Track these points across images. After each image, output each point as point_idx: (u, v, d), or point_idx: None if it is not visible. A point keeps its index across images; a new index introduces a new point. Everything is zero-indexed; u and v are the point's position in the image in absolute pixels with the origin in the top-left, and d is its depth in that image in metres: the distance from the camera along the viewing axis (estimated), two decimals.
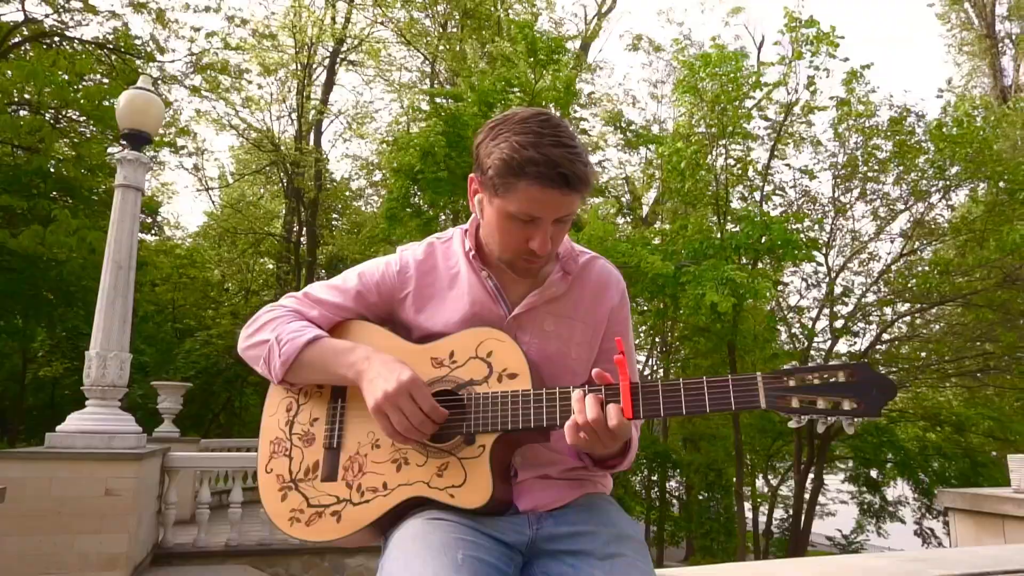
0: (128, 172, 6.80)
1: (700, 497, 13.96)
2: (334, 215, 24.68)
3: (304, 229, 22.88)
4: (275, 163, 22.86)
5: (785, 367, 1.26)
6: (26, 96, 14.24)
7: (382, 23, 21.95)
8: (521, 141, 1.26)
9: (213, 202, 25.78)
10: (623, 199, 18.70)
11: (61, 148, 16.12)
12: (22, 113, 14.90)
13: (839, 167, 14.56)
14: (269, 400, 1.49)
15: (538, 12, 17.83)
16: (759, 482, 20.55)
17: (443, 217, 14.19)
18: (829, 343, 14.53)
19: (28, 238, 12.12)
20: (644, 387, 1.27)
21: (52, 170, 15.69)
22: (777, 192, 14.13)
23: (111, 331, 6.41)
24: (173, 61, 17.33)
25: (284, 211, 24.91)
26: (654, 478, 16.68)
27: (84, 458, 5.71)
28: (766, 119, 13.37)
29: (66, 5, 15.37)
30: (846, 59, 12.51)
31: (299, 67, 22.08)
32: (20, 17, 15.04)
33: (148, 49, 16.87)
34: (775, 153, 13.92)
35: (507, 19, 16.12)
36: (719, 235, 12.30)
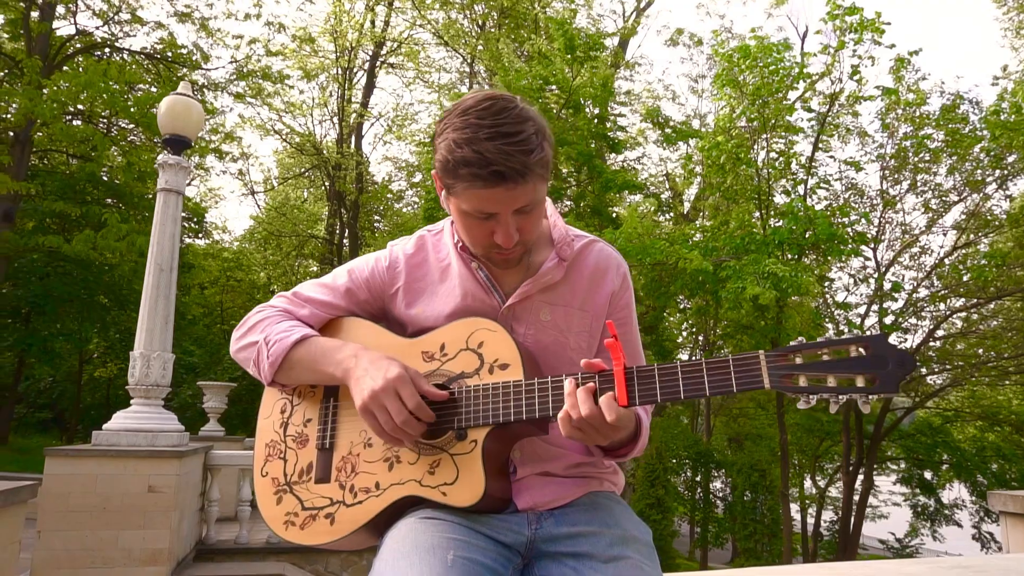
0: (169, 176, 6.95)
1: (745, 498, 13.69)
2: (376, 217, 24.96)
3: (347, 231, 23.18)
4: (317, 166, 23.22)
5: (792, 343, 1.17)
6: (79, 107, 14.74)
7: (420, 25, 22.10)
8: (457, 139, 1.20)
9: (259, 206, 26.37)
10: (663, 196, 18.45)
11: (114, 156, 16.65)
12: (76, 123, 15.41)
13: (887, 158, 14.10)
14: (264, 402, 1.48)
15: (576, 9, 17.69)
16: (807, 483, 20.07)
17: None
18: None
19: (80, 243, 12.55)
20: (639, 371, 1.21)
21: (105, 177, 16.24)
22: (822, 185, 13.74)
23: (154, 332, 6.57)
24: (216, 69, 17.76)
25: (327, 214, 25.31)
26: (697, 478, 16.41)
27: (128, 455, 5.85)
28: (809, 111, 13.00)
29: (115, 17, 15.85)
30: (892, 46, 12.09)
31: (339, 71, 22.39)
32: (73, 30, 15.56)
33: (194, 58, 17.31)
34: (819, 145, 13.54)
35: (545, 17, 16.05)
36: (762, 230, 12.01)
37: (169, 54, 16.74)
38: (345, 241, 23.24)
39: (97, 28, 16.00)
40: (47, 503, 5.62)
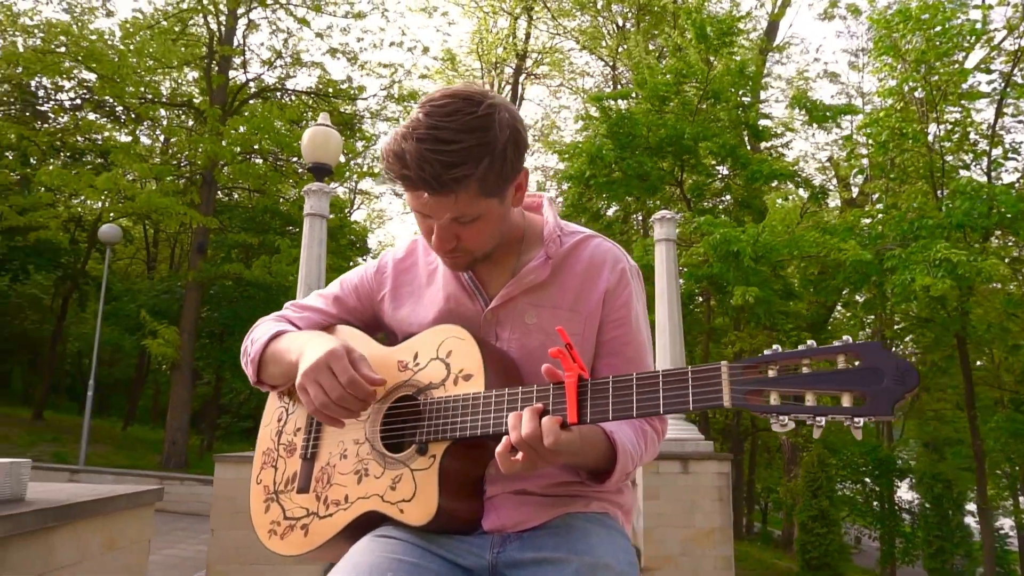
0: (314, 202, 7.50)
1: (930, 509, 12.21)
2: None
3: None
4: None
5: (765, 352, 0.99)
6: (254, 146, 16.42)
7: (560, 34, 22.29)
8: (401, 129, 1.15)
9: None
10: (826, 183, 17.13)
11: (288, 187, 18.34)
12: (257, 161, 17.17)
13: None
14: (265, 410, 1.52)
15: None
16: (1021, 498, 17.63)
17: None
18: None
19: (257, 268, 13.96)
20: (593, 384, 1.10)
21: (284, 209, 17.95)
22: (1010, 155, 11.99)
23: None
24: (367, 98, 19.01)
25: None
26: (879, 488, 14.93)
27: None
28: (987, 72, 11.43)
29: (277, 61, 17.51)
30: None
31: (487, 87, 23.10)
32: (244, 78, 17.39)
33: (352, 91, 18.66)
34: (1004, 110, 11.85)
35: (675, 7, 15.57)
36: (936, 212, 10.75)
37: (330, 90, 18.19)
38: None
39: (262, 74, 17.80)
40: (219, 504, 6.25)
